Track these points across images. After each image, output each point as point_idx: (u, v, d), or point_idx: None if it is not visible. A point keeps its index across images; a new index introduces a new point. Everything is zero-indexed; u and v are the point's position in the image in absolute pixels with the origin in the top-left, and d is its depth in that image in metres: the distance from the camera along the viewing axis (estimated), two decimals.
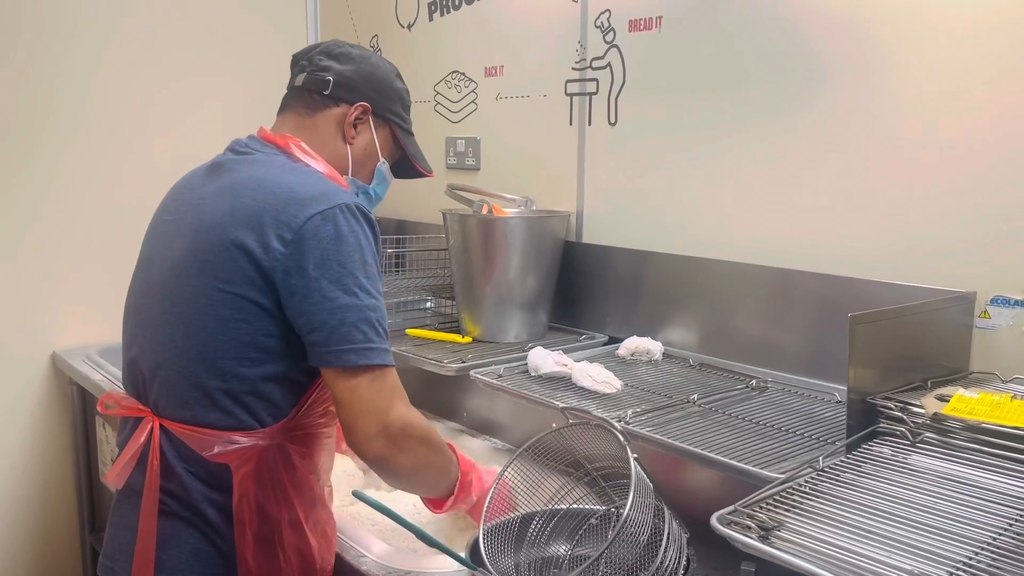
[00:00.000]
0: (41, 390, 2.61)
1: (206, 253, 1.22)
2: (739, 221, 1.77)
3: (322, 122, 1.40)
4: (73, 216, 2.56)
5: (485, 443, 1.96)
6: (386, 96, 1.45)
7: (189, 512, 1.24)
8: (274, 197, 1.21)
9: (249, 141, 1.38)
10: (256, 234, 1.19)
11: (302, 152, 1.35)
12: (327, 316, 1.17)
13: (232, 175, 1.29)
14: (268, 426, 1.24)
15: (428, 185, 2.53)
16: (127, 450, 1.26)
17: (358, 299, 1.18)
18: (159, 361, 1.26)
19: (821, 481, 1.09)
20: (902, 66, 1.49)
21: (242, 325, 1.20)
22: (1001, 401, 1.17)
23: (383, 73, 1.46)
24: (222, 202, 1.25)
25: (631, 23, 1.93)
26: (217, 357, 1.21)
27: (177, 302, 1.24)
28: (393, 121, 1.48)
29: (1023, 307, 1.37)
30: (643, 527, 1.14)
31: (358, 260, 1.20)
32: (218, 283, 1.20)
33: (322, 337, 1.18)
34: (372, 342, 1.19)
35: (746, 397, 1.59)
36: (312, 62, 1.42)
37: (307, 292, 1.17)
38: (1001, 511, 0.99)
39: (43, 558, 2.66)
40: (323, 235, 1.18)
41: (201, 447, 1.22)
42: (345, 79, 1.41)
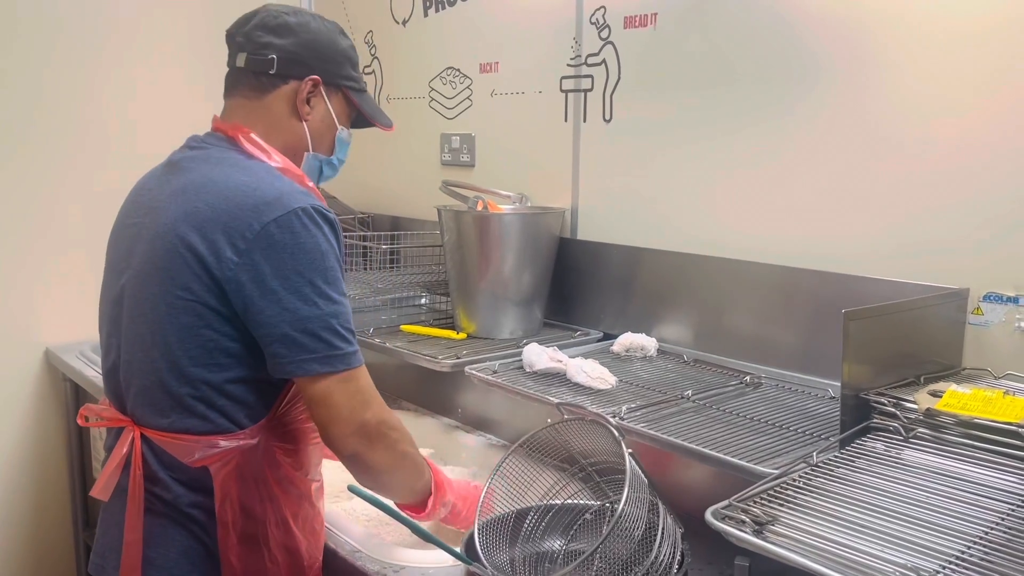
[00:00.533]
0: (34, 386, 2.60)
1: (163, 260, 1.19)
2: (733, 218, 1.78)
3: (273, 103, 1.34)
4: (66, 212, 2.56)
5: (480, 439, 1.97)
6: (333, 62, 1.38)
7: (176, 513, 1.23)
8: (225, 202, 1.18)
9: (205, 136, 1.34)
10: (208, 241, 1.16)
11: (252, 145, 1.29)
12: (287, 328, 1.15)
13: (185, 175, 1.25)
14: (247, 427, 1.23)
15: (423, 182, 2.54)
16: (110, 462, 1.25)
17: (318, 307, 1.16)
18: (132, 371, 1.24)
19: (815, 476, 1.10)
20: (895, 65, 1.50)
21: (205, 331, 1.18)
22: (994, 397, 1.17)
23: (326, 37, 1.37)
24: (175, 205, 1.21)
25: (626, 20, 1.94)
26: (185, 365, 1.19)
27: (143, 311, 1.22)
28: (345, 85, 1.40)
29: (1016, 304, 1.38)
30: (638, 522, 1.14)
31: (317, 266, 1.17)
32: (176, 290, 1.18)
33: (284, 349, 1.16)
34: (337, 348, 1.17)
35: (740, 393, 1.59)
36: (250, 39, 1.34)
37: (265, 304, 1.15)
38: (993, 506, 1.00)
39: (36, 554, 2.66)
40: (279, 244, 1.15)
41: (182, 454, 1.21)
42: (289, 54, 1.33)
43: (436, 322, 2.14)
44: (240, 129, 1.30)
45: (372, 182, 2.76)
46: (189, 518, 1.23)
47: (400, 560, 1.37)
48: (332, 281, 1.18)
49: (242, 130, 1.30)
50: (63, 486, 2.69)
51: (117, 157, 2.61)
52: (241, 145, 1.29)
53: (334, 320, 1.17)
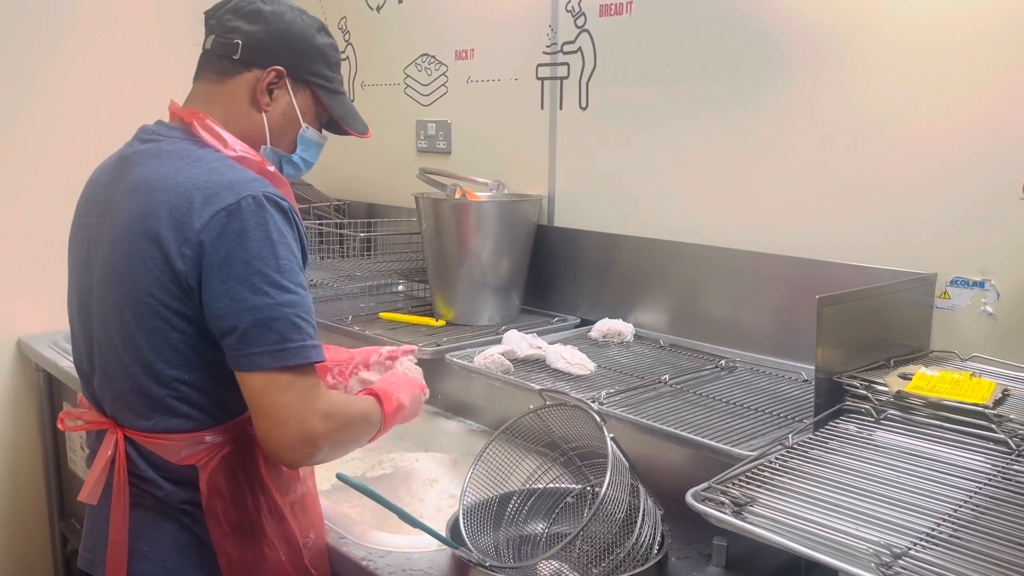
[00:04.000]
0: (7, 377, 2.58)
1: (123, 264, 1.17)
2: (708, 205, 1.81)
3: (233, 89, 1.29)
4: (36, 202, 2.52)
5: (460, 425, 1.99)
6: (304, 56, 1.33)
7: (166, 507, 1.23)
8: (176, 197, 1.14)
9: (156, 127, 1.30)
10: (163, 241, 1.13)
11: (207, 132, 1.24)
12: (236, 320, 1.10)
13: (136, 172, 1.22)
14: (229, 421, 1.23)
15: (399, 169, 2.54)
16: (95, 465, 1.24)
17: (269, 297, 1.10)
18: (108, 376, 1.23)
19: (790, 458, 1.13)
20: (866, 57, 1.53)
21: (173, 334, 1.16)
22: (961, 379, 1.22)
23: (300, 30, 1.32)
24: (130, 205, 1.18)
25: (602, 8, 1.95)
26: (160, 368, 1.17)
27: (110, 316, 1.20)
28: (314, 83, 1.35)
29: (981, 288, 1.42)
30: (620, 505, 1.17)
31: (268, 255, 1.11)
32: (140, 295, 1.15)
33: (234, 341, 1.11)
34: (290, 341, 1.11)
35: (715, 377, 1.63)
36: (220, 22, 1.30)
37: (215, 296, 1.11)
38: (961, 484, 1.04)
39: (12, 544, 2.64)
40: (227, 232, 1.11)
41: (168, 453, 1.20)
42: (255, 41, 1.29)
43: (414, 309, 2.16)
44: (196, 115, 1.26)
45: (347, 169, 2.75)
46: (180, 511, 1.23)
47: (386, 545, 1.38)
48: (285, 271, 1.12)
49: (198, 116, 1.26)
50: (38, 477, 2.67)
51: (87, 146, 2.57)
52: (196, 132, 1.25)
53: (288, 310, 1.11)
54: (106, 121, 2.58)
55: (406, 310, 2.15)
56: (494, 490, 1.36)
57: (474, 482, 1.34)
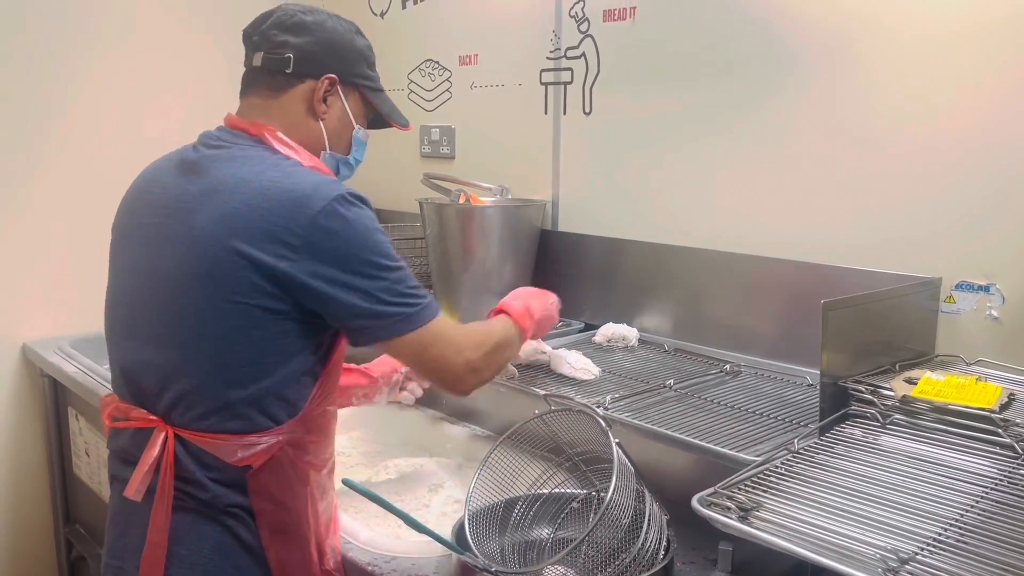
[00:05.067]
0: (12, 382, 2.58)
1: (206, 265, 1.18)
2: (712, 209, 1.81)
3: (289, 102, 1.33)
4: (43, 207, 2.53)
5: (464, 430, 1.98)
6: (350, 61, 1.38)
7: (210, 510, 1.22)
8: (266, 200, 1.18)
9: (220, 133, 1.32)
10: (258, 243, 1.16)
11: (279, 142, 1.29)
12: (365, 305, 1.19)
13: (211, 175, 1.24)
14: (284, 422, 1.24)
15: (404, 174, 2.54)
16: (142, 463, 1.22)
17: (383, 279, 1.20)
18: (169, 375, 1.22)
19: (796, 463, 1.13)
20: (871, 62, 1.53)
21: (256, 332, 1.19)
22: (966, 383, 1.21)
23: (342, 36, 1.38)
24: (210, 207, 1.20)
25: (605, 13, 1.95)
26: (235, 367, 1.19)
27: (184, 316, 1.21)
28: (362, 85, 1.41)
29: (986, 292, 1.42)
30: (625, 510, 1.17)
31: (370, 244, 1.20)
32: (226, 294, 1.17)
33: (368, 322, 1.21)
34: (412, 306, 1.22)
35: (720, 381, 1.63)
36: (266, 38, 1.34)
37: (335, 292, 1.17)
38: (967, 489, 1.04)
39: (17, 551, 2.64)
40: (332, 232, 1.17)
41: (224, 454, 1.20)
42: (306, 53, 1.33)
43: None
44: (265, 127, 1.30)
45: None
46: (225, 513, 1.23)
47: (391, 551, 1.38)
48: (385, 253, 1.22)
49: (267, 128, 1.30)
50: (43, 482, 2.67)
51: (94, 156, 2.59)
52: (268, 143, 1.29)
53: (401, 284, 1.22)
54: (112, 131, 2.60)
55: None
56: (499, 495, 1.35)
57: (479, 487, 1.34)
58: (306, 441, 1.27)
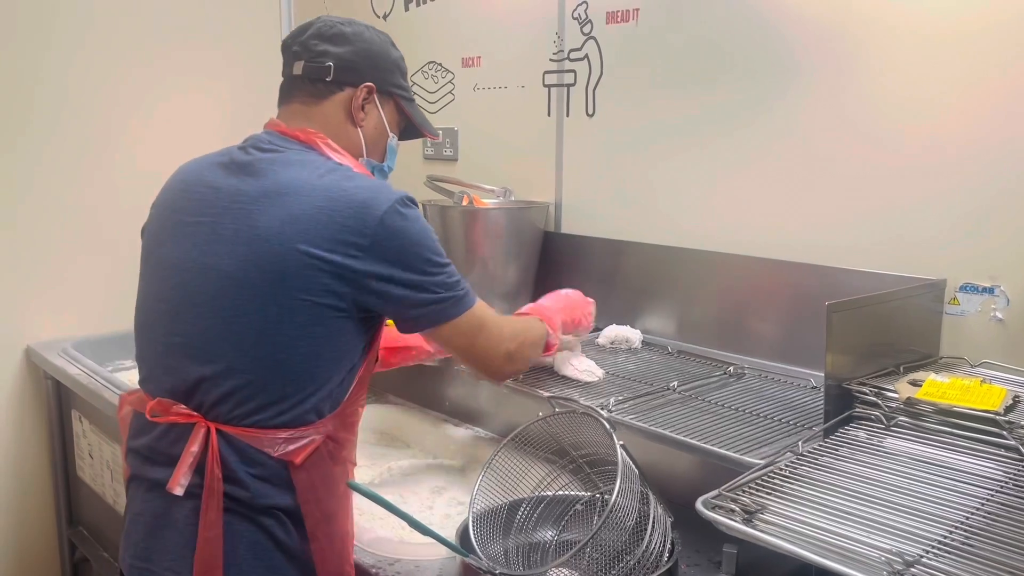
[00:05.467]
0: (16, 384, 2.58)
1: (272, 264, 1.20)
2: (715, 211, 1.81)
3: (330, 109, 1.38)
4: (49, 209, 2.53)
5: (468, 432, 1.99)
6: (386, 70, 1.44)
7: (247, 509, 1.22)
8: (332, 202, 1.22)
9: (271, 137, 1.35)
10: (328, 243, 1.20)
11: (331, 149, 1.34)
12: (421, 294, 1.26)
13: (270, 177, 1.26)
14: (327, 416, 1.27)
15: (407, 176, 2.54)
16: (183, 460, 1.22)
17: (439, 275, 1.28)
18: (220, 371, 1.23)
19: (801, 465, 1.13)
20: (874, 63, 1.53)
21: (318, 329, 1.22)
22: (971, 385, 1.21)
23: (379, 47, 1.43)
24: (274, 208, 1.23)
25: (608, 15, 1.95)
26: (295, 362, 1.22)
27: (243, 312, 1.22)
28: (397, 94, 1.46)
29: (991, 294, 1.42)
30: (630, 512, 1.17)
31: (428, 244, 1.27)
32: (292, 292, 1.20)
33: (422, 311, 1.28)
34: (461, 292, 1.31)
35: (724, 384, 1.62)
36: (307, 48, 1.39)
37: (397, 288, 1.24)
38: (973, 491, 1.03)
39: (20, 553, 2.65)
40: (395, 235, 1.23)
41: (269, 446, 1.22)
42: (345, 62, 1.38)
43: None
44: (316, 135, 1.34)
45: None
46: (264, 512, 1.23)
47: (395, 553, 1.39)
48: (439, 251, 1.29)
49: (319, 136, 1.34)
50: (46, 485, 2.67)
51: (100, 159, 2.60)
52: (320, 149, 1.33)
53: (453, 277, 1.30)
54: (116, 135, 2.61)
55: None
56: (503, 497, 1.36)
57: (483, 489, 1.34)
58: (340, 439, 1.30)
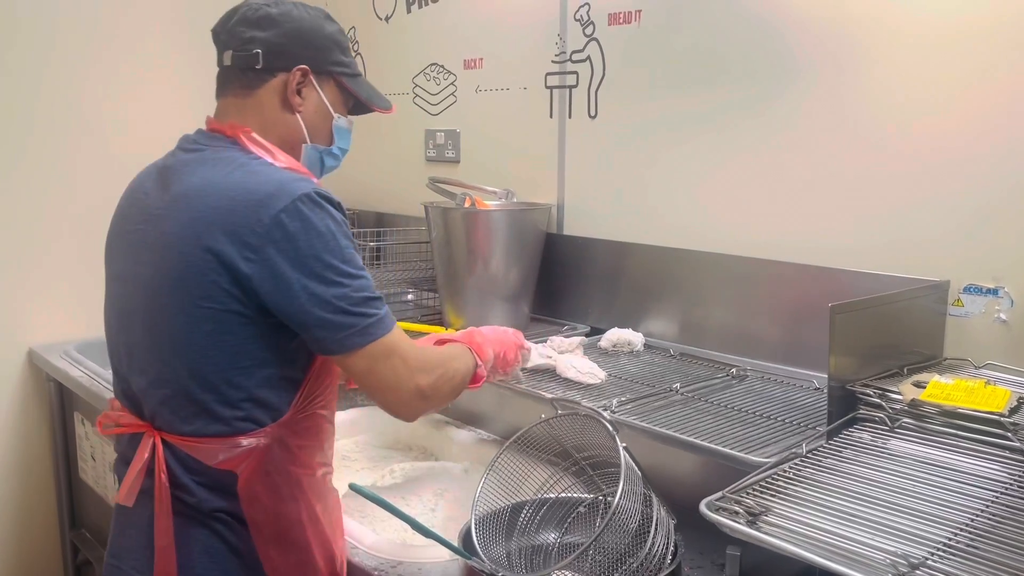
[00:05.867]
0: (18, 387, 2.58)
1: (176, 270, 1.18)
2: (718, 212, 1.80)
3: (264, 97, 1.31)
4: (49, 212, 2.54)
5: (471, 434, 1.98)
6: (321, 49, 1.34)
7: (198, 514, 1.23)
8: (230, 201, 1.17)
9: (197, 136, 1.31)
10: (221, 245, 1.15)
11: (253, 143, 1.28)
12: (320, 311, 1.16)
13: (184, 180, 1.23)
14: (266, 425, 1.23)
15: (408, 178, 2.55)
16: (132, 467, 1.24)
17: (344, 286, 1.16)
18: (151, 380, 1.24)
19: (804, 467, 1.13)
20: (877, 64, 1.53)
21: (227, 337, 1.18)
22: (975, 387, 1.21)
23: (311, 24, 1.34)
24: (179, 213, 1.20)
25: (610, 17, 1.95)
26: (208, 372, 1.19)
27: (158, 321, 1.21)
28: (336, 72, 1.37)
29: (995, 295, 1.42)
30: (633, 514, 1.16)
31: (332, 247, 1.17)
32: (195, 299, 1.17)
33: (324, 332, 1.17)
34: (371, 317, 1.18)
35: (726, 385, 1.62)
36: (234, 35, 1.31)
37: (293, 295, 1.15)
38: (978, 493, 1.03)
39: (23, 555, 2.65)
40: (291, 233, 1.15)
41: (206, 457, 1.21)
42: (274, 46, 1.30)
43: (424, 318, 2.15)
44: (240, 128, 1.28)
45: (357, 178, 2.76)
46: (213, 518, 1.23)
47: (398, 556, 1.38)
48: (348, 259, 1.18)
49: (243, 129, 1.28)
50: (49, 487, 2.67)
51: (101, 156, 2.60)
52: (243, 144, 1.28)
53: (362, 293, 1.19)
54: (118, 136, 2.61)
55: (416, 319, 2.15)
56: (506, 500, 1.35)
57: (486, 492, 1.34)
58: (294, 446, 1.26)
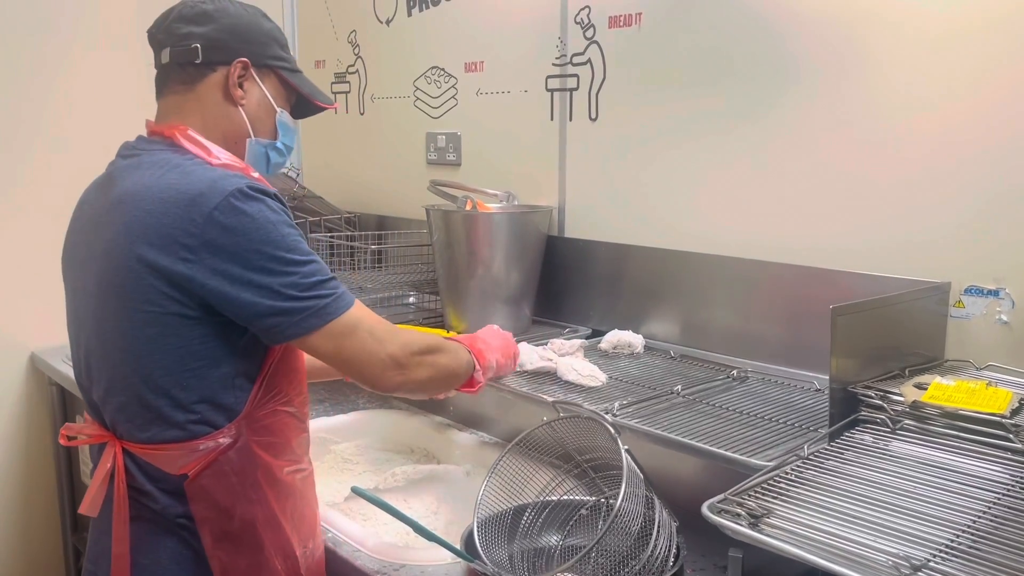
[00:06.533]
0: (20, 390, 2.59)
1: (116, 277, 1.18)
2: (719, 214, 1.80)
3: (205, 93, 1.31)
4: (49, 215, 2.53)
5: (472, 436, 1.98)
6: (259, 43, 1.35)
7: (165, 521, 1.23)
8: (163, 204, 1.16)
9: (136, 142, 1.32)
10: (156, 249, 1.14)
11: (189, 141, 1.27)
12: (270, 301, 1.15)
13: (119, 186, 1.23)
14: (223, 426, 1.22)
15: (409, 181, 2.55)
16: (96, 477, 1.25)
17: (289, 275, 1.16)
18: (106, 388, 1.24)
19: (806, 469, 1.13)
20: (877, 64, 1.53)
21: (172, 339, 1.17)
22: (977, 388, 1.21)
23: (248, 20, 1.36)
24: (114, 219, 1.20)
25: (611, 19, 1.96)
26: (157, 376, 1.19)
27: (106, 329, 1.22)
28: (275, 66, 1.38)
29: (996, 296, 1.42)
30: (635, 517, 1.17)
31: (273, 238, 1.16)
32: (135, 304, 1.16)
33: (276, 320, 1.16)
34: (323, 298, 1.18)
35: (727, 387, 1.62)
36: (171, 33, 1.32)
37: (239, 290, 1.14)
38: (979, 495, 1.03)
39: (25, 558, 2.65)
40: (227, 230, 1.14)
41: (166, 464, 1.21)
42: (212, 40, 1.31)
43: (426, 321, 2.16)
44: (177, 127, 1.28)
45: (358, 181, 2.76)
46: (178, 525, 1.23)
47: (400, 559, 1.38)
48: (291, 247, 1.17)
49: (179, 128, 1.28)
50: (51, 490, 2.67)
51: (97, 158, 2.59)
52: (179, 143, 1.27)
53: (311, 277, 1.17)
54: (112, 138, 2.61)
55: (417, 322, 2.15)
56: (508, 502, 1.36)
57: (488, 494, 1.34)
58: (254, 445, 1.25)
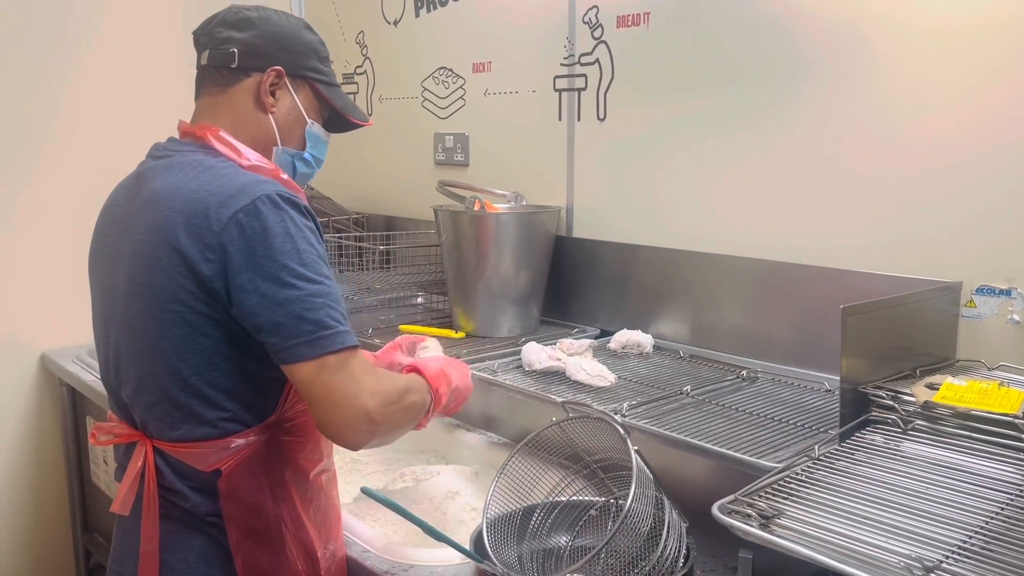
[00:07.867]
0: (31, 391, 2.60)
1: (145, 276, 1.19)
2: (727, 214, 1.80)
3: (237, 97, 1.32)
4: (60, 216, 2.55)
5: (482, 437, 1.98)
6: (297, 53, 1.36)
7: (194, 519, 1.24)
8: (191, 204, 1.16)
9: (168, 143, 1.33)
10: (183, 248, 1.15)
11: (221, 143, 1.27)
12: (270, 315, 1.13)
13: (150, 186, 1.24)
14: (254, 425, 1.23)
15: (417, 182, 2.55)
16: (127, 476, 1.25)
17: (297, 290, 1.13)
18: (136, 388, 1.24)
19: (817, 470, 1.12)
20: (887, 63, 1.52)
21: (201, 339, 1.18)
22: (989, 388, 1.20)
23: (289, 30, 1.36)
24: (145, 219, 1.21)
25: (619, 19, 1.95)
26: (188, 375, 1.19)
27: (135, 329, 1.22)
28: (311, 78, 1.38)
29: (1008, 296, 1.41)
30: (644, 518, 1.16)
31: (290, 249, 1.14)
32: (165, 304, 1.17)
33: (273, 338, 1.14)
34: (324, 329, 1.13)
35: (737, 388, 1.61)
36: (212, 36, 1.33)
37: (245, 295, 1.13)
38: (992, 496, 1.02)
39: (36, 559, 2.66)
40: (248, 233, 1.13)
41: (196, 462, 1.21)
42: (250, 47, 1.32)
43: (434, 321, 2.16)
44: (208, 128, 1.29)
45: (366, 182, 2.77)
46: (207, 523, 1.24)
47: (409, 559, 1.38)
48: (308, 263, 1.15)
49: (210, 129, 1.29)
50: (62, 491, 2.68)
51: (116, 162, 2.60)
52: (210, 144, 1.27)
53: (318, 300, 1.14)
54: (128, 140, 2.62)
55: (426, 322, 2.15)
56: (517, 503, 1.35)
57: (497, 495, 1.33)
58: (284, 444, 1.26)
